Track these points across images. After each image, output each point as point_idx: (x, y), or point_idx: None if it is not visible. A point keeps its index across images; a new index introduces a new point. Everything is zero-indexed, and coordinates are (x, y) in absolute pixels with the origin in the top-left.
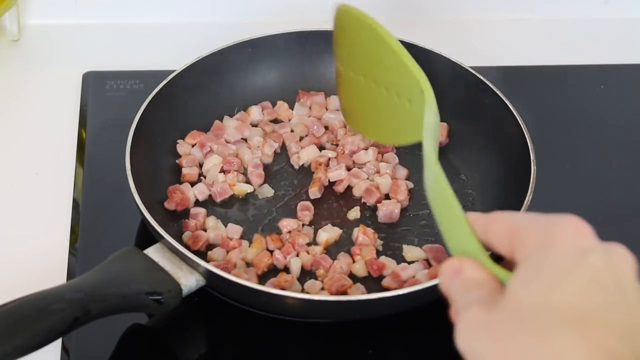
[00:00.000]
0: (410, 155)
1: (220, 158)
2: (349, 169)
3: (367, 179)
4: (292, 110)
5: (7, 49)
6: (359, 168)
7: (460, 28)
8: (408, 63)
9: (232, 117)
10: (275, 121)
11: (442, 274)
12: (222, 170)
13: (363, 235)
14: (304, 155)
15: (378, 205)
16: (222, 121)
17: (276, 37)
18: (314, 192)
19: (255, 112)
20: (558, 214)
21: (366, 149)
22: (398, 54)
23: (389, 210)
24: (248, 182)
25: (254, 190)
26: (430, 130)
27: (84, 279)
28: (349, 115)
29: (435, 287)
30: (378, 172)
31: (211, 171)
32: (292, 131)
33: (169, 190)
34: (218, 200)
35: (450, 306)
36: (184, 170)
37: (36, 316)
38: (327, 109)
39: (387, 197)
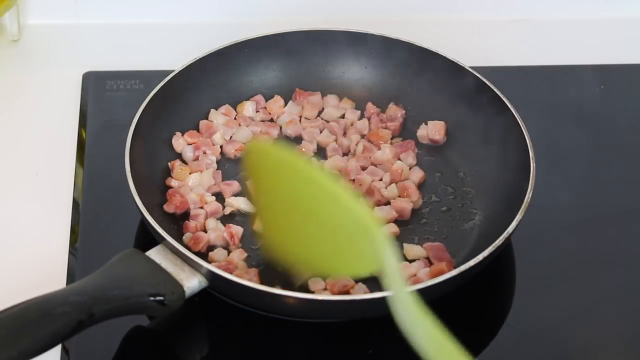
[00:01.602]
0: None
1: (211, 176)
2: (364, 168)
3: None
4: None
5: (7, 49)
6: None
7: (460, 28)
8: (359, 213)
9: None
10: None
11: None
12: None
13: None
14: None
15: (392, 201)
16: (207, 118)
17: (275, 36)
18: None
19: (249, 109)
20: None
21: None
22: (347, 205)
23: (400, 208)
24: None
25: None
26: (396, 278)
27: (86, 282)
28: (277, 249)
29: (437, 285)
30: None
31: (198, 188)
32: (281, 129)
33: (169, 193)
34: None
35: None
36: (172, 183)
37: (40, 320)
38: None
39: (388, 203)
